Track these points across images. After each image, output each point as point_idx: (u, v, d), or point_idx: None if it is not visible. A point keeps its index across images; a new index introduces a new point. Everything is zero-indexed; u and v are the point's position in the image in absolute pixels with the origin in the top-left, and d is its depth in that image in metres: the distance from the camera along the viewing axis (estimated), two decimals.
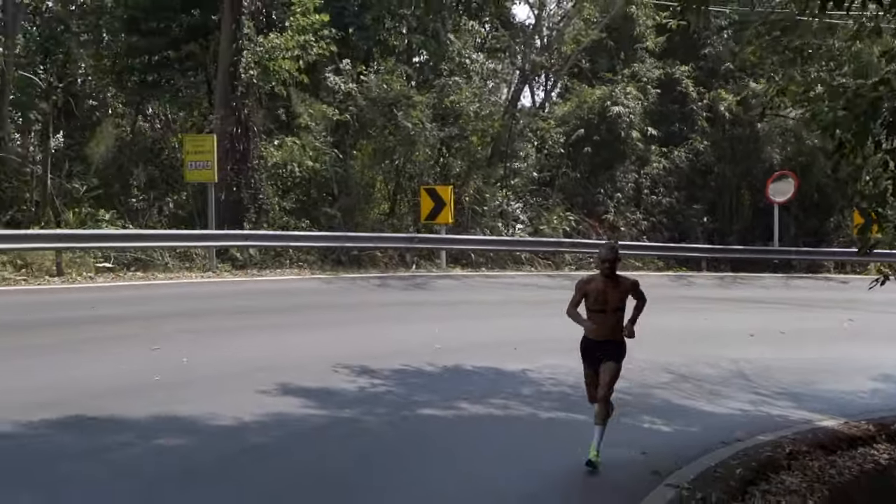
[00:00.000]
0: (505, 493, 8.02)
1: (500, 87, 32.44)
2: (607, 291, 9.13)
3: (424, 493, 7.75)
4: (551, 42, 35.12)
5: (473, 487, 8.08)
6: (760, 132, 32.22)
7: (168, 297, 18.01)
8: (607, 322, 9.15)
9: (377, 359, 12.57)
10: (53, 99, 26.84)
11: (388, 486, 7.81)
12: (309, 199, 26.92)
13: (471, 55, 30.76)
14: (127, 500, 6.95)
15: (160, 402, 9.51)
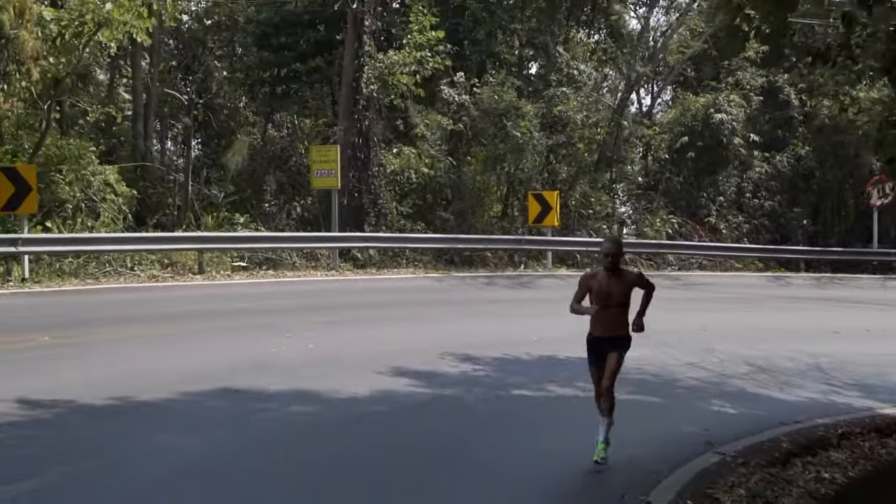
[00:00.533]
0: (567, 455, 9.39)
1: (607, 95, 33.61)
2: (611, 286, 8.95)
3: (508, 454, 9.20)
4: (657, 52, 36.15)
5: (547, 450, 9.52)
6: (860, 138, 32.73)
7: (296, 293, 19.91)
8: (612, 317, 8.99)
9: (479, 348, 14.04)
10: (194, 113, 29.19)
11: (478, 449, 9.30)
12: (424, 203, 28.69)
13: (579, 66, 32.09)
14: (264, 449, 8.60)
15: (291, 379, 11.19)
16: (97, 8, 19.58)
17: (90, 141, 25.66)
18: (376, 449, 8.86)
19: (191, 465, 7.83)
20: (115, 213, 23.61)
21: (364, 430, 9.47)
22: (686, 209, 32.32)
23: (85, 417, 9.03)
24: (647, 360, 13.91)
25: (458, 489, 7.88)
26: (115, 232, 22.77)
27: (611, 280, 8.91)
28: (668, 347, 14.92)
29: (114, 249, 21.21)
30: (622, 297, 8.94)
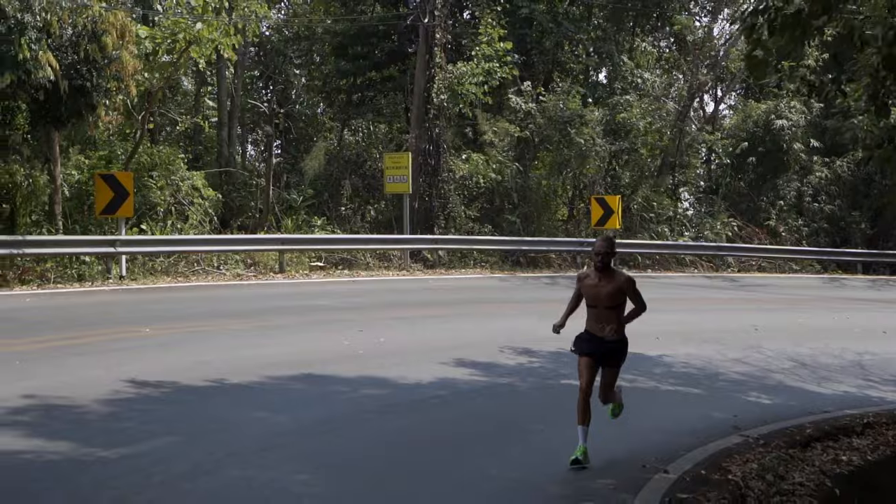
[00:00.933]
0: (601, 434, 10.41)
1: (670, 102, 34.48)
2: (599, 286, 8.95)
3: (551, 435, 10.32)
4: (719, 59, 36.87)
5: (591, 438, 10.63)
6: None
7: (370, 291, 21.25)
8: (602, 318, 9.01)
9: (537, 342, 15.10)
10: (276, 122, 30.79)
11: (527, 426, 10.45)
12: (492, 206, 29.92)
13: (642, 74, 33.06)
14: (339, 422, 9.83)
15: (363, 368, 12.45)
16: (188, 27, 21.18)
17: (178, 148, 27.38)
18: (435, 423, 10.07)
19: (281, 431, 9.16)
20: (202, 216, 25.26)
21: (425, 409, 10.68)
22: (746, 213, 33.07)
23: (188, 395, 10.42)
24: (695, 356, 14.92)
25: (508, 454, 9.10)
26: (203, 234, 24.40)
27: (600, 280, 8.94)
28: (718, 344, 15.86)
29: (201, 250, 22.80)
30: (610, 299, 8.95)
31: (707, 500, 7.82)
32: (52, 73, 17.15)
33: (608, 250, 8.94)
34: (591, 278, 8.99)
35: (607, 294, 8.89)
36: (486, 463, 8.66)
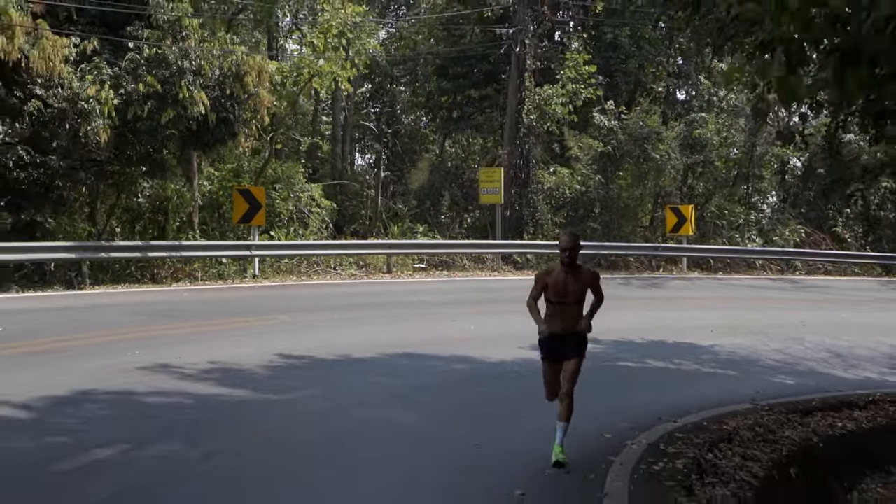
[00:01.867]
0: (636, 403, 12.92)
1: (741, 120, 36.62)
2: (567, 283, 8.88)
3: (598, 399, 12.72)
4: None
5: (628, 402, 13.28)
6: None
7: (464, 289, 24.20)
8: (568, 314, 8.97)
9: (600, 333, 17.69)
10: (384, 140, 34.10)
11: (582, 396, 13.20)
12: (576, 215, 32.70)
13: (718, 92, 35.44)
14: (436, 386, 12.73)
15: (455, 349, 15.29)
16: (312, 63, 24.51)
17: (299, 163, 30.85)
18: (510, 390, 12.88)
19: (393, 392, 12.15)
20: (320, 223, 28.64)
21: (503, 380, 13.48)
22: (815, 220, 35.11)
23: (321, 365, 13.51)
24: (741, 346, 17.13)
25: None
26: (321, 239, 27.77)
27: (567, 276, 8.88)
28: (764, 337, 17.75)
29: (320, 253, 26.15)
30: (578, 295, 8.94)
31: (696, 438, 10.46)
32: (203, 108, 20.63)
33: (574, 245, 8.91)
34: (558, 275, 8.93)
35: (576, 290, 8.90)
36: (548, 413, 11.50)
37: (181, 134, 21.17)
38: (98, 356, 12.99)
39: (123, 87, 20.05)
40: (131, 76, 20.26)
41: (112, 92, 19.60)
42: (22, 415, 9.98)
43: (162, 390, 11.14)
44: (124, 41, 20.77)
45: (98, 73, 19.81)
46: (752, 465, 9.37)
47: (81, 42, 20.00)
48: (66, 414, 10.07)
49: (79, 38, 20.10)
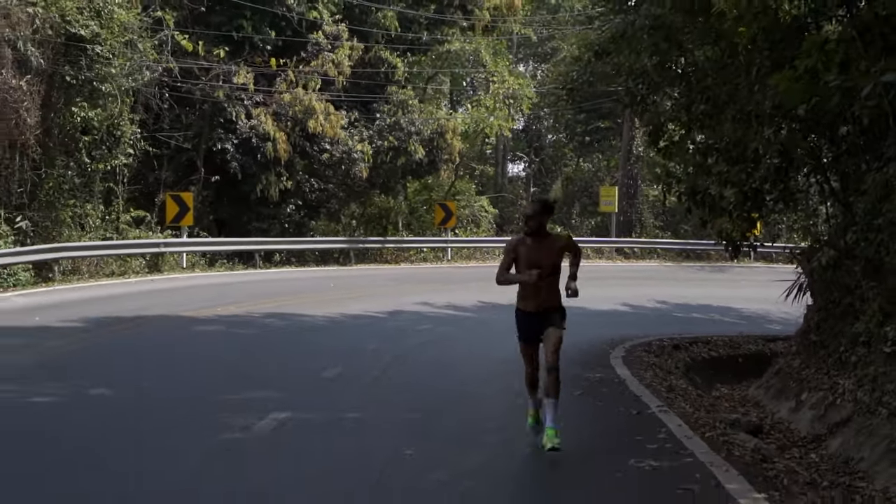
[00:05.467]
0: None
1: None
2: (539, 252, 8.11)
3: (608, 332, 24.00)
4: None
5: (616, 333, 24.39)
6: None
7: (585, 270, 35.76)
8: (543, 289, 8.20)
9: (666, 299, 29.08)
10: (532, 164, 46.13)
11: (612, 331, 24.54)
12: (673, 219, 43.95)
13: None
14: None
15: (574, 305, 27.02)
16: (485, 119, 36.63)
17: (472, 182, 43.12)
18: (616, 324, 24.46)
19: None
20: (488, 224, 40.79)
21: (608, 316, 25.06)
22: None
23: (480, 311, 25.42)
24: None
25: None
26: (489, 236, 39.95)
27: (539, 246, 8.13)
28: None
29: (488, 246, 38.25)
30: (552, 265, 8.18)
31: (641, 349, 21.70)
32: (421, 155, 33.01)
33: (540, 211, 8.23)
34: (528, 245, 8.22)
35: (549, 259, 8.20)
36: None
37: (405, 170, 33.65)
38: (381, 299, 24.72)
39: (375, 143, 32.65)
40: (378, 136, 32.88)
41: (368, 146, 32.20)
42: (348, 321, 21.87)
43: (422, 312, 22.17)
44: (373, 115, 33.44)
45: (360, 135, 32.47)
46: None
47: (348, 114, 32.61)
48: (402, 318, 20.94)
49: (345, 111, 32.70)
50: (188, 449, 8.19)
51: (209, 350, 14.26)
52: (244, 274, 28.56)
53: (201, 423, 9.13)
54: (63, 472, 7.40)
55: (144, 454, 7.99)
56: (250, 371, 12.24)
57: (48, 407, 9.83)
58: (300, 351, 14.35)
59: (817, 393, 11.24)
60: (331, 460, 7.98)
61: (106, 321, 16.39)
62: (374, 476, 7.46)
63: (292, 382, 11.41)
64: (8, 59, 21.42)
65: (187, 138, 29.06)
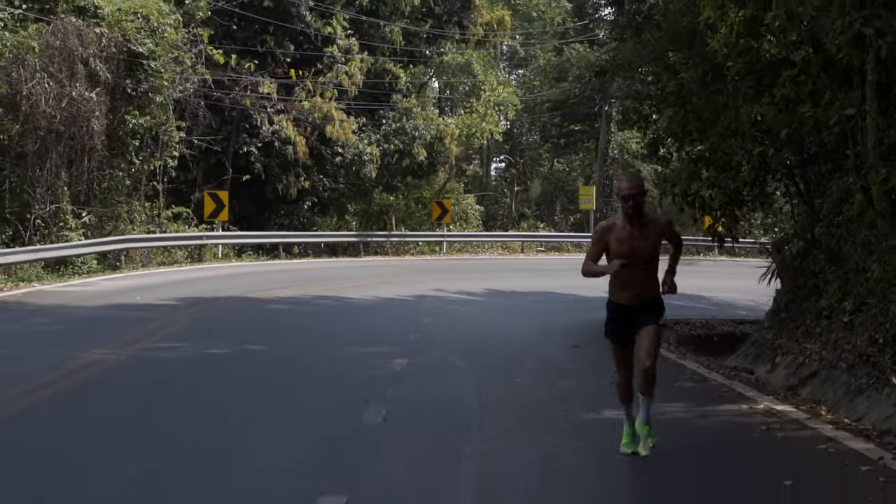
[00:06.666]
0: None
1: None
2: (634, 238, 6.97)
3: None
4: None
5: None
6: None
7: (567, 262, 38.42)
8: (639, 278, 7.05)
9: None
10: (514, 161, 49.42)
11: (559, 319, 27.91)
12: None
13: None
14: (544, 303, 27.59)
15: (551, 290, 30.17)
16: (478, 124, 39.79)
17: (459, 183, 46.31)
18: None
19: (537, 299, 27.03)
20: (476, 220, 43.99)
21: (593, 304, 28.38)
22: None
23: (493, 293, 28.51)
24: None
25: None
26: (477, 231, 43.13)
27: (633, 230, 6.98)
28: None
29: (477, 240, 41.43)
30: (650, 250, 7.04)
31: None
32: (423, 157, 36.13)
33: (640, 191, 7.03)
34: (620, 230, 7.06)
35: (647, 246, 7.04)
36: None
37: (407, 171, 36.81)
38: (402, 286, 27.86)
39: (382, 146, 35.73)
40: (385, 139, 35.97)
41: (376, 149, 35.29)
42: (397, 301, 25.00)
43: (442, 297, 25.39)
44: (379, 121, 36.55)
45: (369, 139, 35.54)
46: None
47: (356, 120, 35.65)
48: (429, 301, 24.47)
49: (354, 117, 35.74)
50: (354, 376, 11.28)
51: (300, 320, 17.27)
52: (272, 264, 31.50)
53: (350, 364, 12.22)
54: (290, 383, 10.48)
55: (328, 379, 11.16)
56: (349, 335, 15.13)
57: (219, 357, 12.84)
58: (372, 323, 17.33)
59: (789, 356, 13.75)
60: (457, 386, 11.04)
61: (194, 301, 19.24)
62: (502, 393, 10.57)
63: (391, 343, 14.29)
64: (81, 74, 24.26)
65: (217, 142, 31.87)
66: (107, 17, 25.61)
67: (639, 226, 7.03)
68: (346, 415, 9.05)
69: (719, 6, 14.37)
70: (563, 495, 6.74)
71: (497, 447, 7.84)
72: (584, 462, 7.64)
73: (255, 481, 6.74)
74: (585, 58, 41.37)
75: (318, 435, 8.24)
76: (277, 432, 8.34)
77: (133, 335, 14.10)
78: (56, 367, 11.24)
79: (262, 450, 7.62)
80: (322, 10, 34.42)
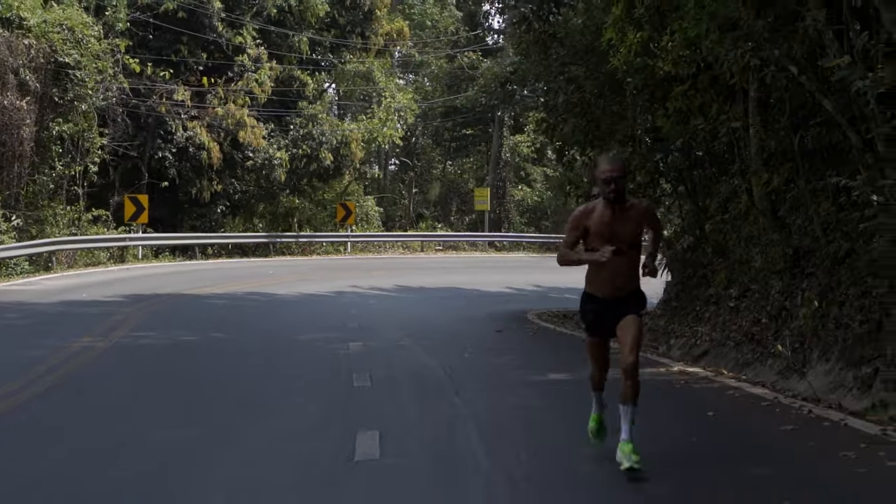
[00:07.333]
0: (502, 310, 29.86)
1: None
2: (615, 224, 6.35)
3: (499, 308, 29.69)
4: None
5: (501, 310, 30.04)
6: None
7: (464, 260, 40.82)
8: (620, 268, 6.40)
9: (525, 284, 34.68)
10: (412, 166, 51.22)
11: (495, 304, 30.03)
12: (535, 217, 49.85)
13: None
14: (443, 299, 29.49)
15: (455, 286, 32.07)
16: (379, 129, 41.42)
17: (359, 185, 47.89)
18: (473, 302, 29.70)
19: (431, 294, 28.87)
20: (377, 221, 45.61)
21: (470, 298, 30.29)
22: None
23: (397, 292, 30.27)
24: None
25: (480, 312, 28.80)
26: (378, 231, 44.76)
27: (614, 216, 6.38)
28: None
29: (380, 240, 43.04)
30: (631, 237, 6.47)
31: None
32: (330, 161, 37.63)
33: (622, 172, 6.47)
34: (600, 215, 6.43)
35: (629, 231, 6.46)
36: (476, 313, 28.05)
37: (315, 174, 38.23)
38: (320, 283, 29.40)
39: (291, 150, 37.07)
40: (293, 144, 37.33)
41: (285, 153, 36.62)
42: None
43: (359, 292, 27.05)
44: (289, 127, 37.90)
45: (278, 144, 36.84)
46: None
47: (265, 126, 36.92)
48: (348, 296, 26.26)
49: (263, 123, 37.01)
50: (323, 356, 12.88)
51: (244, 313, 18.72)
52: (191, 264, 32.62)
53: (312, 347, 13.80)
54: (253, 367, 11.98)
55: (303, 358, 12.71)
56: (295, 325, 16.61)
57: (195, 343, 14.26)
58: (308, 315, 18.77)
59: (682, 339, 15.39)
60: (418, 361, 12.63)
61: (137, 298, 20.43)
62: (459, 365, 12.27)
63: (335, 330, 15.77)
64: (12, 84, 25.08)
65: (134, 147, 32.77)
66: (33, 28, 26.44)
67: (620, 210, 6.38)
68: (338, 381, 10.70)
69: (619, 29, 16.21)
70: (547, 423, 8.71)
71: (479, 399, 9.60)
72: (550, 406, 9.50)
73: (304, 424, 8.41)
74: (491, 69, 43.73)
75: (324, 396, 9.87)
76: (292, 394, 9.95)
77: (105, 327, 15.36)
78: (59, 349, 12.56)
79: (292, 408, 9.20)
80: (232, 21, 35.66)
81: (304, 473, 6.75)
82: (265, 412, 8.99)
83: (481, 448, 7.35)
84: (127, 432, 8.09)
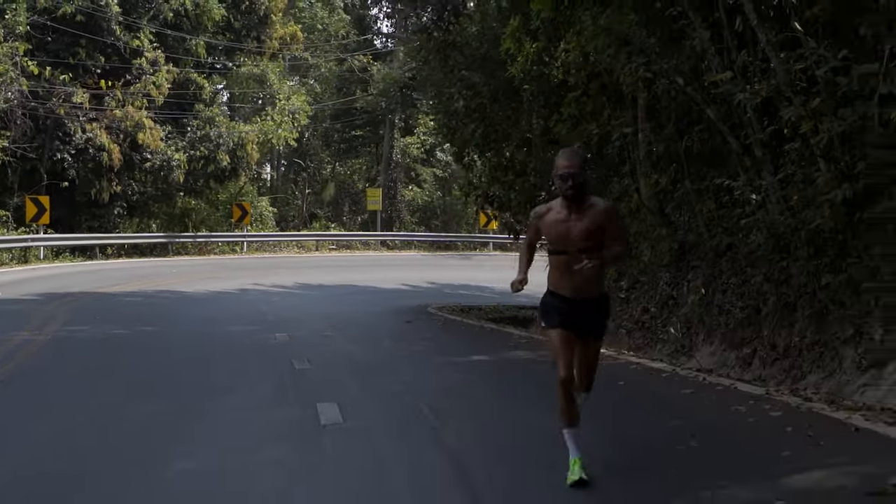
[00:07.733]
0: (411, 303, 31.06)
1: None
2: (570, 222, 5.98)
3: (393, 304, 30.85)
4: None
5: (409, 303, 31.21)
6: None
7: (359, 259, 41.72)
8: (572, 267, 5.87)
9: (420, 280, 35.78)
10: (304, 167, 51.72)
11: (408, 304, 31.10)
12: (426, 216, 51.00)
13: None
14: (359, 296, 30.36)
15: (355, 283, 32.96)
16: (273, 130, 41.95)
17: (253, 186, 48.27)
18: (387, 297, 30.67)
19: (332, 293, 29.71)
20: (271, 221, 46.05)
21: (382, 294, 31.31)
22: None
23: (305, 289, 31.02)
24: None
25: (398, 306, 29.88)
26: (272, 231, 45.23)
27: (571, 214, 5.99)
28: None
29: (275, 239, 43.54)
30: (586, 238, 5.96)
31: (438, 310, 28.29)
32: (227, 162, 38.01)
33: (579, 170, 5.97)
34: (557, 213, 6.07)
35: (582, 231, 5.98)
36: (380, 308, 29.08)
37: (212, 175, 38.59)
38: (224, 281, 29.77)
39: (189, 152, 37.35)
40: (191, 146, 37.60)
41: (183, 155, 36.88)
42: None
43: (263, 290, 27.97)
44: (186, 129, 38.14)
45: (176, 146, 37.08)
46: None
47: (163, 128, 37.12)
48: (253, 293, 26.92)
49: (160, 125, 37.20)
50: (254, 345, 13.70)
51: (161, 309, 19.31)
52: (94, 263, 32.74)
53: (241, 338, 14.58)
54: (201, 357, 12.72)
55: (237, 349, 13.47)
56: (215, 319, 17.30)
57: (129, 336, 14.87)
58: (222, 310, 19.44)
59: None
60: (344, 348, 13.65)
61: (52, 296, 20.79)
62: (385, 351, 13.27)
63: (255, 323, 16.54)
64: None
65: (32, 149, 32.67)
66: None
67: (577, 209, 5.94)
68: (281, 365, 11.58)
69: (517, 39, 17.38)
70: (479, 390, 9.97)
71: (413, 377, 10.63)
72: (479, 380, 10.70)
73: (263, 399, 9.28)
74: (390, 74, 44.80)
75: (272, 377, 10.75)
76: (242, 376, 10.79)
77: (35, 322, 15.86)
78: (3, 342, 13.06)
79: (246, 387, 10.06)
80: (130, 24, 35.77)
81: (282, 434, 7.71)
82: (223, 391, 9.82)
83: (431, 413, 8.39)
84: (97, 410, 8.85)
